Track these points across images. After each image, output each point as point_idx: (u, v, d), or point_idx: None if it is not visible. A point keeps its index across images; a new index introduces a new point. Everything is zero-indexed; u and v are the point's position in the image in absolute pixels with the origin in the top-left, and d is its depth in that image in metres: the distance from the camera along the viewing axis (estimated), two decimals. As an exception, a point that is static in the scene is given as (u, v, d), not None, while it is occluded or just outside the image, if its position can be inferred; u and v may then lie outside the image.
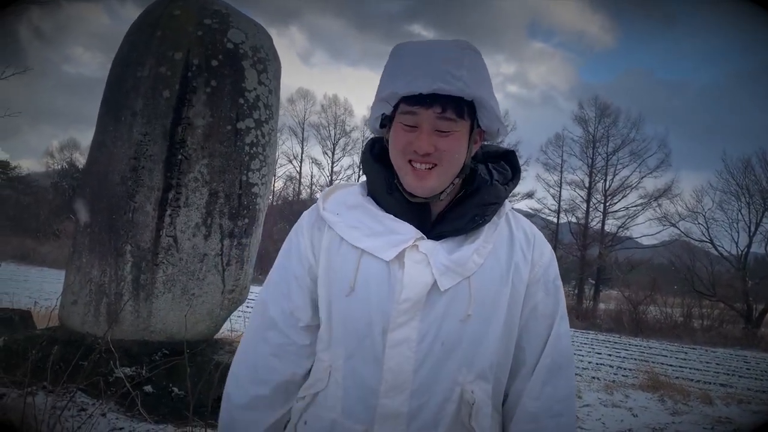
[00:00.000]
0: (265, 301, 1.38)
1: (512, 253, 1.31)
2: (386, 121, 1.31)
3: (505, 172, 1.38)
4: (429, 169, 1.24)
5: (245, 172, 4.29)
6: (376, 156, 1.36)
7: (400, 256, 1.24)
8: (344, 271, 1.27)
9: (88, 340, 3.93)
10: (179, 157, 4.15)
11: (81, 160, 45.30)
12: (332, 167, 41.58)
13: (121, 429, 3.51)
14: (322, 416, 1.28)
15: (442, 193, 1.28)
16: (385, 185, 1.31)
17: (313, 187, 41.80)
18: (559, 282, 1.38)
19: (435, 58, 1.22)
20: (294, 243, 1.38)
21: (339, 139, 41.66)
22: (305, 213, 1.41)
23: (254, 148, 4.34)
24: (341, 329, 1.28)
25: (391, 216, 1.28)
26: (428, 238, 1.27)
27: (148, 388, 3.82)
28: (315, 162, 42.18)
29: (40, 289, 14.89)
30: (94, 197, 4.29)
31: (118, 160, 4.21)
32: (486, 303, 1.25)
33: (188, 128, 4.17)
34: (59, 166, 45.77)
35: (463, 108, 1.24)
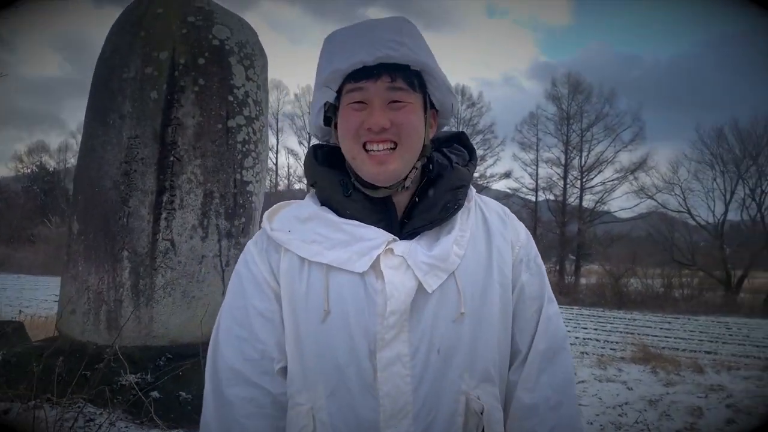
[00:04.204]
0: (217, 355, 1.17)
1: (491, 238, 1.20)
2: (331, 114, 1.18)
3: (461, 152, 1.27)
4: (389, 149, 1.12)
5: (239, 170, 4.24)
6: (321, 162, 1.22)
7: (374, 265, 1.10)
8: (312, 295, 1.12)
9: (90, 349, 3.87)
10: (171, 158, 4.09)
11: (51, 162, 44.42)
12: (309, 157, 41.29)
13: (131, 437, 3.48)
14: None
15: (405, 179, 1.15)
16: (340, 187, 1.16)
17: (291, 178, 41.53)
18: (540, 260, 1.28)
19: (373, 30, 1.13)
20: (246, 275, 1.19)
21: (314, 128, 41.39)
22: (250, 242, 1.24)
23: (246, 146, 4.29)
24: (316, 363, 1.12)
25: (353, 221, 1.14)
26: (399, 238, 1.14)
27: (155, 394, 3.79)
28: (291, 152, 41.89)
29: (19, 296, 14.58)
30: (87, 204, 4.21)
31: (109, 165, 4.13)
32: (476, 296, 1.14)
33: (179, 129, 4.10)
34: (29, 170, 44.89)
35: (413, 78, 1.14)
